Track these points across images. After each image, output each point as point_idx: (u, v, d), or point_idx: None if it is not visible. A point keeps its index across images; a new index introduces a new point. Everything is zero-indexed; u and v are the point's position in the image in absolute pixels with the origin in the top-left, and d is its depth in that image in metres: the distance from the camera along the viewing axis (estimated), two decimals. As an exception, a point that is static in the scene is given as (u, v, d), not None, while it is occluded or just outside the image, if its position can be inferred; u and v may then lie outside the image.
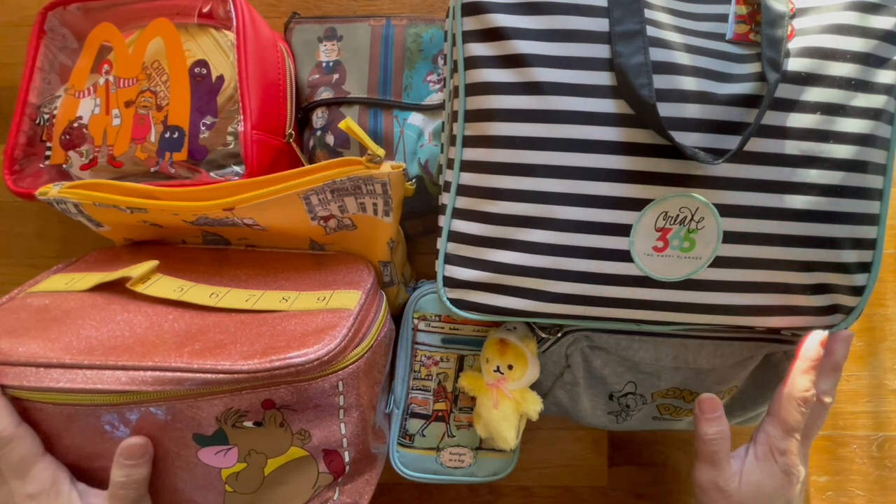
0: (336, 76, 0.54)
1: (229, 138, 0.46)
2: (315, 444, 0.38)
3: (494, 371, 0.47)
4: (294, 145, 0.52)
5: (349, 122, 0.40)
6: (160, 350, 0.35)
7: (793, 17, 0.40)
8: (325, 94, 0.53)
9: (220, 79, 0.47)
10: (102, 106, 0.48)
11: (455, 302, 0.44)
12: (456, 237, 0.43)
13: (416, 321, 0.51)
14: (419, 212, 0.55)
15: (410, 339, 0.51)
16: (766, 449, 0.42)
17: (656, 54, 0.38)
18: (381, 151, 0.40)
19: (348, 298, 0.41)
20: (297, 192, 0.40)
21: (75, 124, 0.49)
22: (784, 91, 0.38)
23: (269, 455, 0.37)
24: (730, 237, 0.40)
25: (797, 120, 0.39)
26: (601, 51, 0.38)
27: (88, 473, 0.36)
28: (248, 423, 0.36)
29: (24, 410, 0.34)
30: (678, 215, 0.39)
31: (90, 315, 0.39)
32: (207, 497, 0.37)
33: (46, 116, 0.50)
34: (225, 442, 0.36)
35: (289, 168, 0.43)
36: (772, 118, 0.38)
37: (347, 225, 0.45)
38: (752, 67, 0.39)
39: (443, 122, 0.46)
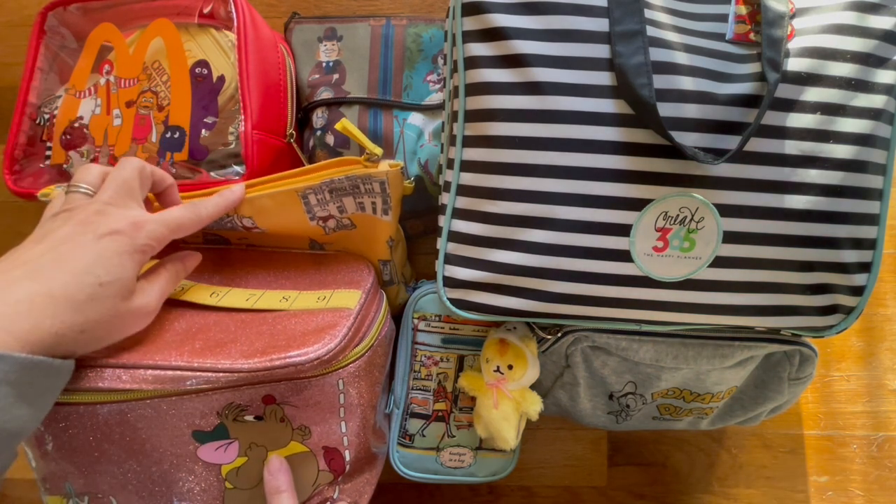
0: (336, 76, 0.54)
1: (230, 138, 0.46)
2: (315, 441, 0.38)
3: (494, 371, 0.47)
4: (294, 145, 0.53)
5: (345, 123, 0.40)
6: (160, 349, 0.36)
7: (793, 17, 0.40)
8: (325, 94, 0.53)
9: (221, 79, 0.47)
10: (103, 106, 0.48)
11: (455, 302, 0.44)
12: (456, 237, 0.43)
13: (416, 321, 0.51)
14: (419, 212, 0.55)
15: (410, 339, 0.51)
16: None
17: (656, 54, 0.38)
18: (378, 150, 0.40)
19: (348, 298, 0.41)
20: (295, 189, 0.40)
21: (76, 124, 0.49)
22: (784, 91, 0.38)
23: (270, 448, 0.37)
24: (730, 237, 0.40)
25: (797, 120, 0.39)
26: (601, 51, 0.38)
27: (90, 476, 0.36)
28: (249, 417, 0.36)
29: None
30: (678, 215, 0.39)
31: (90, 314, 0.39)
32: (205, 497, 0.37)
33: (47, 116, 0.50)
34: (226, 436, 0.36)
35: (289, 168, 0.43)
36: (772, 118, 0.38)
37: (346, 225, 0.45)
38: (752, 67, 0.39)
39: (443, 122, 0.46)
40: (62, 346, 0.30)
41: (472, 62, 0.40)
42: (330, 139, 0.53)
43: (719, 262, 0.40)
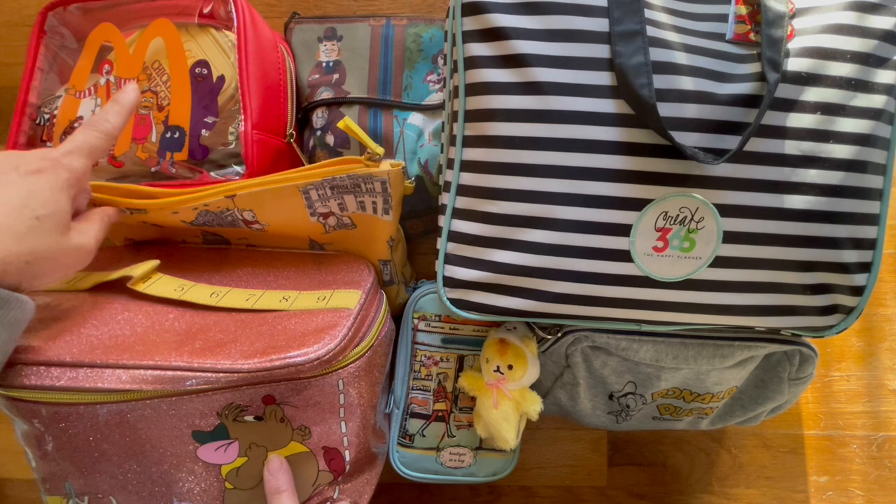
0: (336, 76, 0.54)
1: (230, 138, 0.46)
2: (315, 441, 0.38)
3: (494, 371, 0.47)
4: (295, 145, 0.53)
5: (347, 121, 0.40)
6: (160, 349, 0.36)
7: (793, 17, 0.40)
8: (325, 94, 0.53)
9: (221, 79, 0.47)
10: (103, 106, 0.48)
11: (455, 302, 0.44)
12: (456, 237, 0.43)
13: (416, 321, 0.51)
14: (419, 212, 0.55)
15: (410, 339, 0.51)
16: None
17: (656, 54, 0.38)
18: (379, 150, 0.40)
19: (348, 298, 0.41)
20: (297, 185, 0.40)
21: (76, 124, 0.49)
22: (784, 91, 0.38)
23: (270, 448, 0.38)
24: (730, 237, 0.40)
25: (797, 120, 0.39)
26: (601, 51, 0.38)
27: (90, 476, 0.36)
28: (249, 418, 0.36)
29: (25, 410, 0.34)
30: (678, 215, 0.39)
31: (91, 314, 0.39)
32: (205, 497, 0.37)
33: (47, 116, 0.50)
34: (226, 436, 0.36)
35: (289, 168, 0.43)
36: (772, 118, 0.38)
37: (347, 224, 0.45)
38: (752, 67, 0.39)
39: (443, 122, 0.46)
40: (8, 276, 0.31)
41: (472, 62, 0.40)
42: (330, 139, 0.53)
43: (719, 262, 0.40)
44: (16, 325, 0.32)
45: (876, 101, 0.39)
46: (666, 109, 0.38)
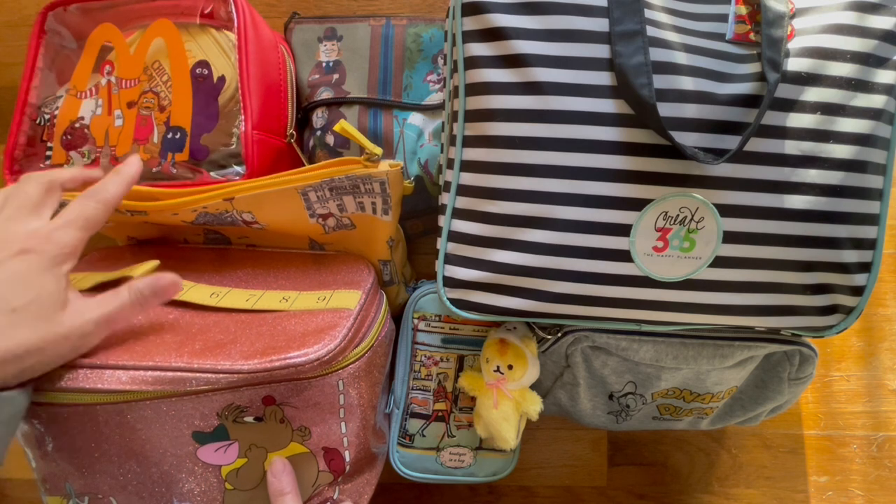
0: (336, 76, 0.54)
1: (231, 139, 0.46)
2: (315, 441, 0.38)
3: (494, 371, 0.47)
4: (295, 145, 0.53)
5: (343, 125, 0.40)
6: (160, 350, 0.36)
7: (793, 17, 0.40)
8: (325, 94, 0.53)
9: (222, 79, 0.47)
10: (104, 107, 0.48)
11: (455, 302, 0.44)
12: (456, 237, 0.43)
13: (416, 321, 0.51)
14: (419, 212, 0.55)
15: (410, 339, 0.51)
16: None
17: (656, 54, 0.38)
18: (378, 150, 0.40)
19: (348, 298, 0.41)
20: (295, 187, 0.40)
21: (77, 125, 0.49)
22: (784, 91, 0.38)
23: (270, 449, 0.37)
24: (730, 237, 0.40)
25: (797, 120, 0.39)
26: (601, 51, 0.38)
27: (90, 476, 0.36)
28: (249, 419, 0.36)
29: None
30: (678, 215, 0.39)
31: (90, 315, 0.39)
32: (205, 498, 0.37)
33: (47, 116, 0.50)
34: (226, 437, 0.36)
35: (290, 168, 0.43)
36: (772, 118, 0.38)
37: (346, 224, 0.45)
38: (752, 67, 0.39)
39: (443, 122, 0.46)
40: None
41: (472, 62, 0.40)
42: (330, 139, 0.53)
43: (719, 262, 0.40)
44: (11, 420, 0.30)
45: (876, 101, 0.39)
46: (666, 109, 0.38)
